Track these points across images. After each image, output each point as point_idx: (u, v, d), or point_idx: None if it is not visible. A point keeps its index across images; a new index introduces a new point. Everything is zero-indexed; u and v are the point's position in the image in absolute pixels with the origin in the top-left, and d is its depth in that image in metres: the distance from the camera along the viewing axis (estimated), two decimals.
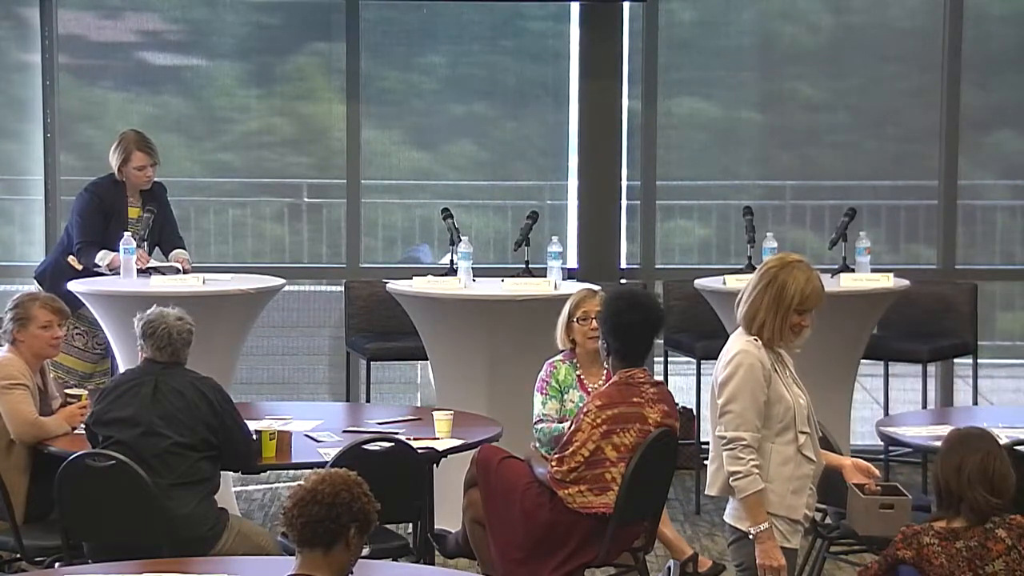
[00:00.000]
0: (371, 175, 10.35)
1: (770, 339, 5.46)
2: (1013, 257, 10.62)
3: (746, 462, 5.36)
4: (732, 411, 5.40)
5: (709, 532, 8.56)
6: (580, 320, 7.16)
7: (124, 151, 8.68)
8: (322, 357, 10.31)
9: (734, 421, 5.39)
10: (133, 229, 8.62)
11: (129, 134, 8.75)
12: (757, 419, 5.40)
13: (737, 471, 5.38)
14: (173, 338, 6.33)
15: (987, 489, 5.09)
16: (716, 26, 10.45)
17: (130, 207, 8.74)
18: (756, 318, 5.46)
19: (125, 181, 8.70)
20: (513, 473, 6.55)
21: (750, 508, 5.39)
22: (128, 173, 8.68)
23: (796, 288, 5.45)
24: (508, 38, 10.47)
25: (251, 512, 8.95)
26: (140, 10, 10.31)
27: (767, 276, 5.48)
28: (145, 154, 8.67)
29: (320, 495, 4.22)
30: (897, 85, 10.48)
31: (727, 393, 5.41)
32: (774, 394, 5.43)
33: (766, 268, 5.53)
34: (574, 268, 10.01)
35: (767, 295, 5.46)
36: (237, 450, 6.36)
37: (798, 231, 10.41)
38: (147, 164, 8.68)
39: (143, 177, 8.69)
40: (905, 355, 9.44)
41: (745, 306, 5.51)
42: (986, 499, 5.08)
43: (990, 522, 5.10)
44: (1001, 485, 5.12)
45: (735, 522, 5.49)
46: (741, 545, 5.49)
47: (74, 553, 6.21)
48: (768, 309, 5.45)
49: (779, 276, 5.46)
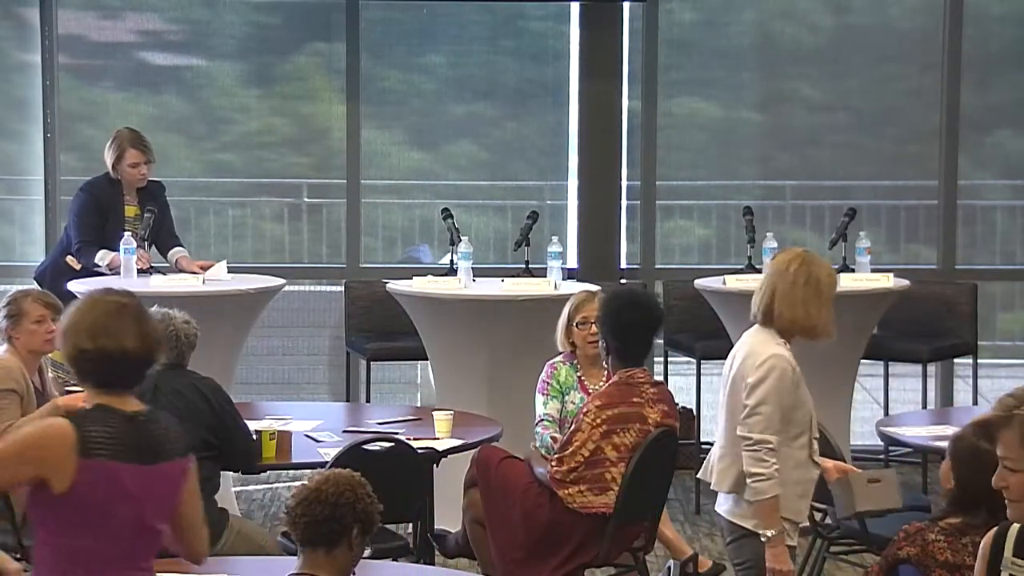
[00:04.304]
0: (371, 175, 10.36)
1: (811, 334, 5.52)
2: (1013, 257, 10.62)
3: (769, 465, 5.40)
4: (762, 413, 5.42)
5: (709, 532, 8.56)
6: (580, 325, 7.16)
7: (118, 148, 8.66)
8: (322, 357, 10.31)
9: (761, 423, 5.42)
10: (131, 228, 8.62)
11: (123, 131, 8.73)
12: (780, 423, 5.44)
13: (760, 473, 5.40)
14: (180, 340, 6.33)
15: None
16: (716, 26, 10.45)
17: (127, 205, 8.72)
18: (797, 316, 5.50)
19: (120, 179, 8.70)
20: (513, 473, 6.55)
21: (767, 511, 5.42)
22: (122, 171, 8.66)
23: (829, 278, 5.55)
24: (508, 38, 10.47)
25: (251, 512, 8.95)
26: (140, 10, 10.31)
27: (802, 273, 5.51)
28: (139, 151, 8.65)
29: (324, 495, 4.22)
30: (897, 85, 10.49)
31: (758, 395, 5.43)
32: (797, 399, 5.49)
33: (797, 265, 5.53)
34: (574, 268, 10.01)
35: (805, 291, 5.50)
36: (237, 450, 6.35)
37: (798, 231, 10.41)
38: (141, 161, 8.65)
39: (137, 175, 8.66)
40: (905, 355, 9.44)
41: (782, 305, 5.51)
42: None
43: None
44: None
45: (738, 520, 5.51)
46: (744, 543, 5.50)
47: None
48: (811, 303, 5.50)
49: (812, 271, 5.52)
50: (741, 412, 5.45)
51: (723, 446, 5.56)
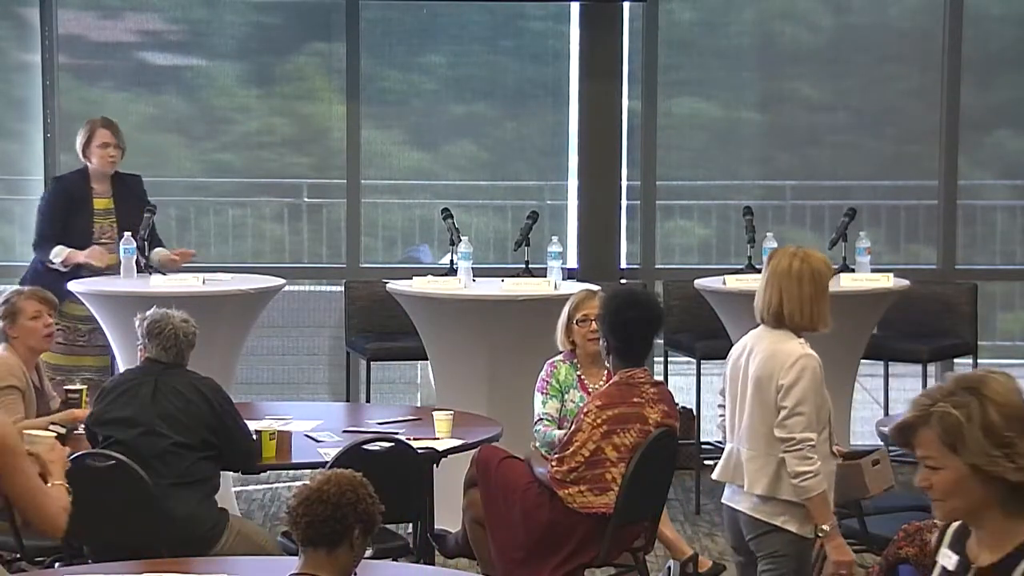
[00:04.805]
0: (371, 175, 10.36)
1: (815, 328, 5.68)
2: (1013, 257, 10.62)
3: (814, 462, 5.53)
4: (803, 413, 5.54)
5: (709, 532, 8.56)
6: (580, 322, 7.16)
7: (88, 130, 8.59)
8: (322, 357, 10.31)
9: (802, 423, 5.54)
10: (100, 221, 8.55)
11: (95, 119, 8.71)
12: (817, 422, 5.60)
13: (807, 471, 5.53)
14: (180, 339, 6.33)
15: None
16: (716, 26, 10.46)
17: (97, 197, 8.62)
18: (806, 314, 5.66)
19: (90, 167, 8.60)
20: (513, 473, 6.55)
21: (819, 506, 5.56)
22: (92, 153, 8.57)
23: (826, 268, 5.73)
24: (508, 38, 10.47)
25: (251, 512, 8.95)
26: (140, 10, 10.31)
27: (805, 271, 5.66)
28: (109, 131, 8.57)
29: (325, 495, 4.22)
30: (897, 85, 10.49)
31: (796, 395, 5.55)
32: (823, 396, 5.64)
33: (799, 264, 5.68)
34: (574, 268, 10.01)
35: (811, 288, 5.66)
36: (237, 450, 6.35)
37: (798, 231, 10.41)
38: (111, 143, 8.57)
39: (107, 156, 8.57)
40: (905, 355, 9.44)
41: (792, 307, 5.65)
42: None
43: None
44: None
45: (764, 516, 5.64)
46: (769, 537, 5.64)
47: (74, 553, 6.21)
48: (816, 299, 5.66)
49: (812, 266, 5.68)
50: (774, 414, 5.57)
51: (753, 448, 5.64)
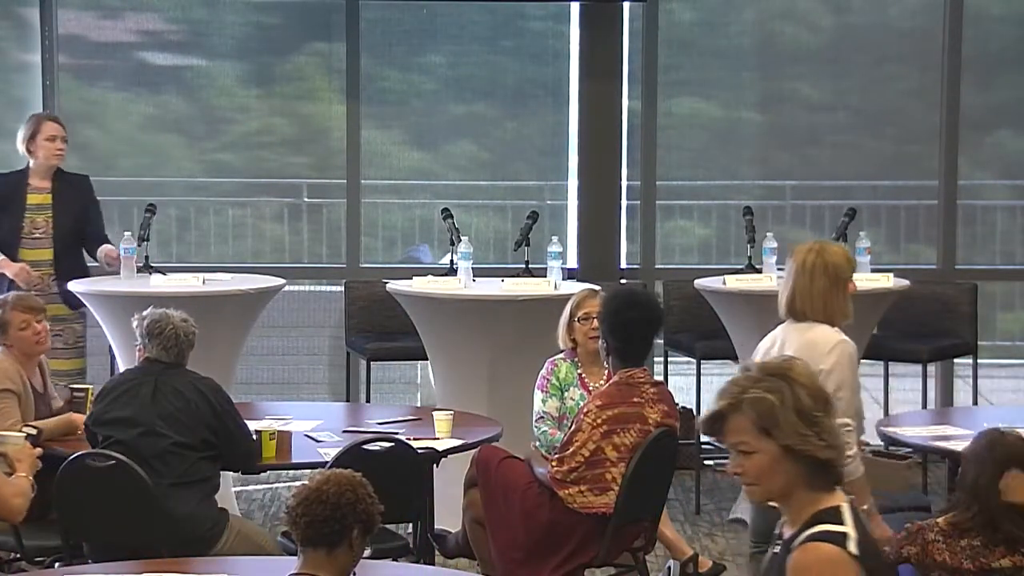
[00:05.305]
0: (371, 175, 10.35)
1: (832, 319, 5.85)
2: (1013, 257, 10.62)
3: (852, 445, 5.61)
4: (843, 398, 5.65)
5: (709, 532, 8.56)
6: (581, 320, 7.16)
7: (34, 124, 8.54)
8: (322, 357, 10.31)
9: (842, 407, 5.57)
10: (32, 216, 8.49)
11: (38, 113, 8.69)
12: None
13: (848, 455, 5.55)
14: (180, 339, 6.32)
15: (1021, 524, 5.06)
16: (716, 26, 10.45)
17: (32, 193, 8.53)
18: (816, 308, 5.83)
19: (33, 162, 8.51)
20: (513, 473, 6.55)
21: (859, 488, 5.62)
22: (38, 147, 8.50)
23: (842, 261, 5.87)
24: (508, 38, 10.47)
25: (251, 512, 8.95)
26: (140, 10, 10.31)
27: (818, 266, 5.82)
28: (57, 124, 8.54)
29: (324, 495, 4.22)
30: (897, 85, 10.49)
31: (835, 381, 5.66)
32: (858, 381, 5.83)
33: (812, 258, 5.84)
34: (574, 268, 10.01)
35: (823, 282, 5.82)
36: (237, 450, 6.35)
37: (798, 231, 10.40)
38: (59, 135, 8.51)
39: (54, 149, 8.50)
40: (905, 355, 9.44)
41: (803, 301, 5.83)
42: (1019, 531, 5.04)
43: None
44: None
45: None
46: None
47: (74, 553, 6.21)
48: (828, 293, 5.82)
49: (826, 260, 5.84)
50: None
51: None
